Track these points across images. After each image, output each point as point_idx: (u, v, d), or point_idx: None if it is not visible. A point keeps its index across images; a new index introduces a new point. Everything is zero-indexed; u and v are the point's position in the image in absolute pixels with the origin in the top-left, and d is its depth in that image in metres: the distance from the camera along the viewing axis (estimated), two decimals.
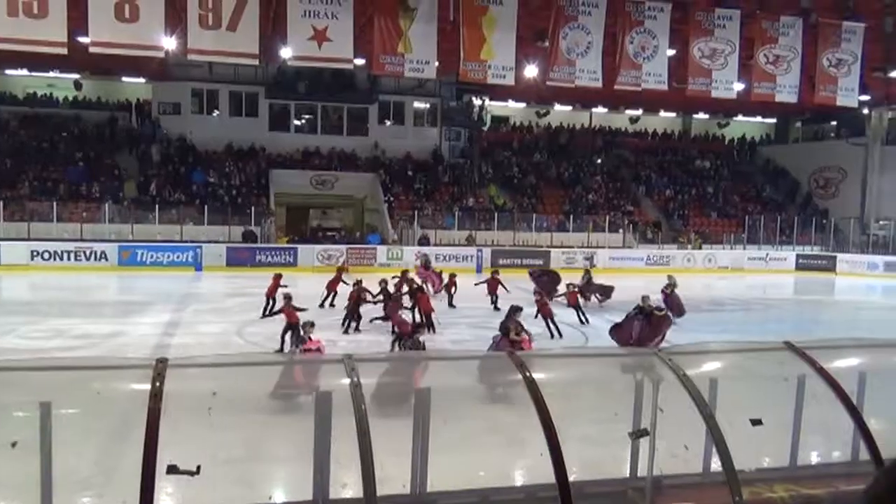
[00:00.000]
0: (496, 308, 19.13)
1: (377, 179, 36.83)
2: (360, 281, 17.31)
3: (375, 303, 17.12)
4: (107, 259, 28.48)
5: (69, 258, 28.07)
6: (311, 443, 5.38)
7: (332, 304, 18.84)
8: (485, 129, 44.07)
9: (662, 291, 19.10)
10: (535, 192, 38.97)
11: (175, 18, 18.26)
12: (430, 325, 16.09)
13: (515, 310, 13.36)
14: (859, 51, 22.69)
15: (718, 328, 18.07)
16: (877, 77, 28.75)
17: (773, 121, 49.06)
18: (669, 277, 20.25)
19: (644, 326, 14.42)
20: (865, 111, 38.41)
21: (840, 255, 36.56)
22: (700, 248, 36.40)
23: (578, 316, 18.52)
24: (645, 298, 15.12)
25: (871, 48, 24.17)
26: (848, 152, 40.79)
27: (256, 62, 20.98)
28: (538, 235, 35.12)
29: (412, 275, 20.21)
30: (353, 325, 16.42)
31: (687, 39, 21.64)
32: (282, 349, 13.42)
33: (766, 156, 46.82)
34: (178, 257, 29.26)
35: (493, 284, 20.30)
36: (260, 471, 7.20)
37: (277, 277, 17.93)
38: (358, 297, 16.71)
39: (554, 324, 16.45)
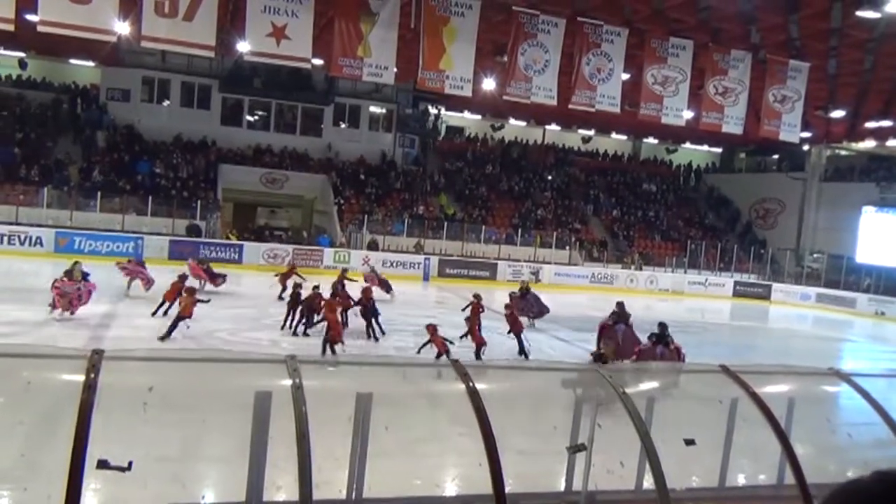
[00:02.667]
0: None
1: (328, 181, 36.55)
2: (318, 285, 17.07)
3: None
4: (42, 245, 27.55)
5: (1, 242, 27.04)
6: (247, 443, 5.29)
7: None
8: (439, 138, 44.27)
9: (511, 295, 18.88)
10: (485, 204, 39.22)
11: (130, 3, 17.83)
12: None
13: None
14: (803, 89, 23.50)
15: None
16: (818, 115, 29.98)
17: (719, 150, 50.50)
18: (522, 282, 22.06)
19: (628, 333, 14.85)
20: (806, 147, 39.84)
21: (775, 285, 37.80)
22: (641, 268, 37.13)
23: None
24: (621, 305, 15.69)
25: (814, 87, 25.11)
26: (788, 186, 42.22)
27: (212, 54, 20.62)
28: (486, 247, 35.35)
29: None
30: (302, 326, 16.19)
31: (641, 65, 22.12)
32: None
33: (711, 183, 48.14)
34: (117, 247, 28.40)
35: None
36: (193, 470, 7.05)
37: (183, 278, 17.37)
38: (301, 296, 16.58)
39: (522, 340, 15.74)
